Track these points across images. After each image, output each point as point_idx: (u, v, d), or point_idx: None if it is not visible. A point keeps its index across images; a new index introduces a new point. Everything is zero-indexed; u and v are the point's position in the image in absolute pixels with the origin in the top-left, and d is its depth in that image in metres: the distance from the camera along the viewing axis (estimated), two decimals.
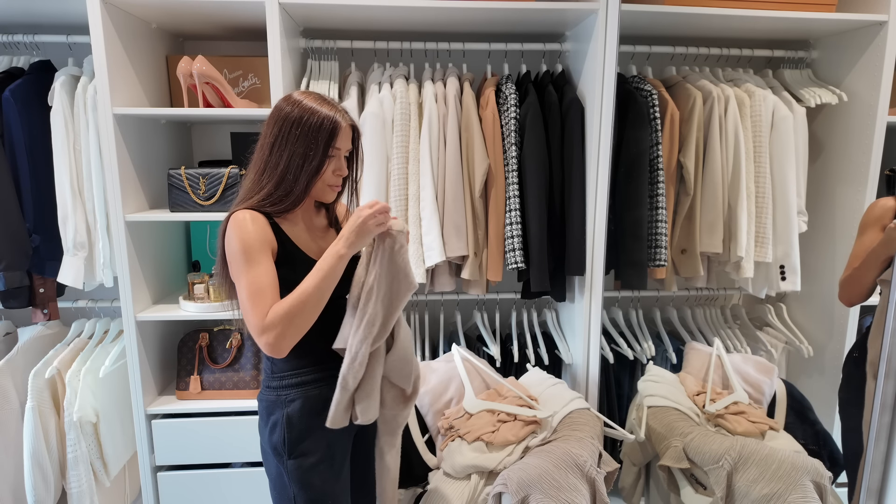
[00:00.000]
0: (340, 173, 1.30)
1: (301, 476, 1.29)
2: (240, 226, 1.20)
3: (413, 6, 1.78)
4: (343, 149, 1.29)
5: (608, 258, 1.95)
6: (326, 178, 1.28)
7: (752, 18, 1.89)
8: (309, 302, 1.19)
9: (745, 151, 1.99)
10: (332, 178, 1.29)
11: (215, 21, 1.98)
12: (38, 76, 1.89)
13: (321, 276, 1.20)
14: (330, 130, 1.24)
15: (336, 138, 1.25)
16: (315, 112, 1.24)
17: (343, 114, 1.28)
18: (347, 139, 1.29)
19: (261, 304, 1.18)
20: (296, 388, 1.30)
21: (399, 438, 1.46)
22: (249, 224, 1.21)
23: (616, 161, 1.92)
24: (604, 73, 1.82)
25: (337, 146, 1.26)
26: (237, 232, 1.20)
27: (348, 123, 1.28)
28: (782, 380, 2.02)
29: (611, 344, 2.18)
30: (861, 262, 1.71)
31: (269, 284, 1.20)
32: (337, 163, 1.28)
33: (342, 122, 1.26)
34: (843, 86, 2.04)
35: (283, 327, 1.17)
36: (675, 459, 1.68)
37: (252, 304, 1.18)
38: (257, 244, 1.20)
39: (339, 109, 1.28)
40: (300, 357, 1.30)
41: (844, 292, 1.81)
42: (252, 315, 1.18)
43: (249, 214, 1.22)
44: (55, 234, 1.89)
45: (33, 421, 1.82)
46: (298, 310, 1.18)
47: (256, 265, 1.20)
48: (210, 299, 1.98)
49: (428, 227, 1.90)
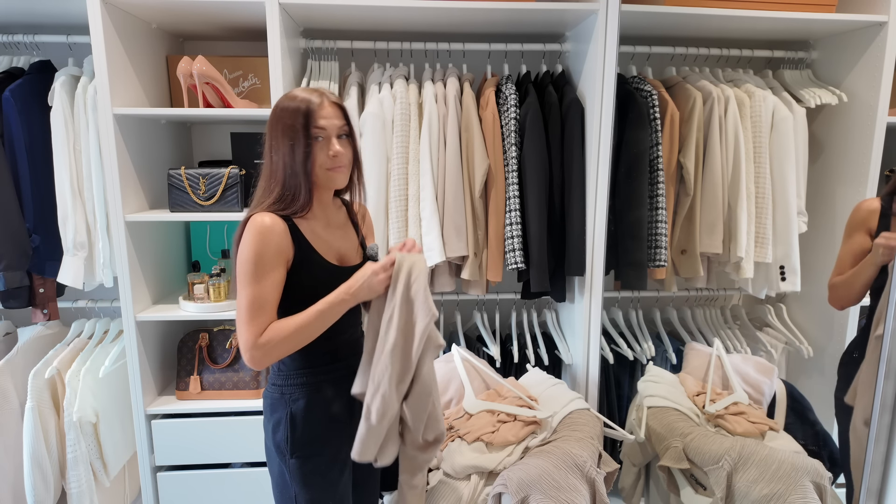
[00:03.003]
0: (333, 153, 1.23)
1: (303, 476, 1.28)
2: (258, 233, 1.19)
3: (413, 6, 1.78)
4: (329, 128, 1.23)
5: (608, 258, 1.95)
6: (322, 162, 1.24)
7: (751, 19, 1.89)
8: (302, 336, 1.21)
9: (744, 152, 1.99)
10: (328, 161, 1.24)
11: (215, 21, 1.98)
12: (38, 76, 1.89)
13: (318, 316, 1.21)
14: (304, 113, 1.20)
15: (311, 118, 1.20)
16: (291, 100, 1.22)
17: (319, 94, 1.24)
18: (331, 116, 1.23)
19: (258, 320, 1.18)
20: (301, 388, 1.29)
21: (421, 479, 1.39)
22: (268, 234, 1.19)
23: (616, 161, 1.92)
24: (604, 73, 1.82)
25: (317, 126, 1.21)
26: (254, 238, 1.18)
27: (329, 101, 1.24)
28: (782, 380, 2.02)
29: (611, 344, 2.18)
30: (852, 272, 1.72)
31: (271, 302, 1.20)
32: (325, 143, 1.23)
33: (315, 100, 1.22)
34: (843, 86, 2.04)
35: (272, 352, 1.19)
36: (675, 460, 1.68)
37: (249, 317, 1.18)
38: (270, 257, 1.19)
39: (318, 92, 1.24)
40: (308, 357, 1.29)
41: (835, 297, 1.82)
42: (246, 329, 1.18)
43: (270, 219, 1.20)
44: (55, 234, 1.89)
45: (33, 421, 1.82)
46: (290, 341, 1.20)
47: (264, 279, 1.19)
48: (210, 299, 1.97)
49: (428, 228, 1.90)
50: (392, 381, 1.22)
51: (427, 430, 1.32)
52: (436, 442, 1.36)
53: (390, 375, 1.22)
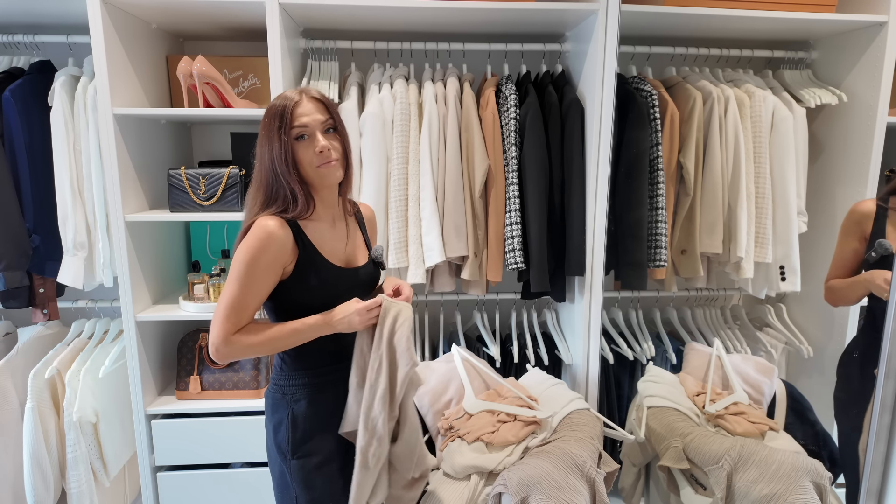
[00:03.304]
0: (319, 149, 1.20)
1: (304, 477, 1.28)
2: (259, 238, 1.18)
3: (413, 6, 1.78)
4: (311, 124, 1.20)
5: (608, 258, 1.95)
6: (310, 161, 1.21)
7: (751, 19, 1.89)
8: (271, 347, 1.22)
9: (744, 152, 1.99)
10: (317, 158, 1.21)
11: (215, 21, 1.98)
12: (39, 76, 1.89)
13: (292, 334, 1.23)
14: (280, 113, 1.19)
15: (289, 117, 1.18)
16: (271, 105, 1.22)
17: (299, 91, 1.22)
18: (311, 112, 1.20)
19: (234, 319, 1.19)
20: (302, 389, 1.29)
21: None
22: (269, 240, 1.18)
23: (616, 161, 1.92)
24: (604, 73, 1.82)
25: (298, 124, 1.19)
26: (254, 242, 1.18)
27: (308, 97, 1.21)
28: (782, 380, 2.02)
29: (611, 344, 2.18)
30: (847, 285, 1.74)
31: (252, 306, 1.21)
32: (311, 141, 1.20)
33: (293, 97, 1.20)
34: (843, 86, 2.04)
35: (237, 353, 1.20)
36: (675, 460, 1.68)
37: (226, 315, 1.18)
38: (265, 264, 1.18)
39: (298, 90, 1.22)
40: (310, 358, 1.29)
41: (830, 299, 1.85)
42: (220, 325, 1.18)
43: (274, 224, 1.19)
44: (55, 234, 1.88)
45: (33, 421, 1.82)
46: (257, 348, 1.21)
47: (251, 284, 1.18)
48: (210, 299, 1.97)
49: (428, 228, 1.90)
50: (385, 426, 1.24)
51: (415, 468, 1.35)
52: (422, 478, 1.38)
53: (384, 420, 1.24)
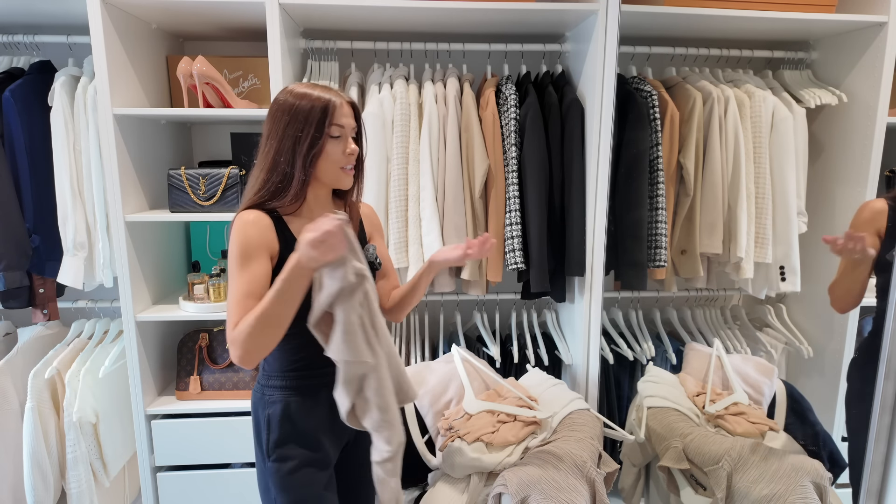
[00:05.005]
0: (349, 151, 1.24)
1: (280, 479, 1.26)
2: (240, 227, 1.18)
3: (413, 6, 1.78)
4: (347, 127, 1.24)
5: (608, 259, 1.95)
6: (336, 159, 1.23)
7: (751, 19, 1.89)
8: (268, 321, 1.10)
9: (744, 152, 1.99)
10: (343, 159, 1.24)
11: (215, 21, 1.98)
12: (38, 76, 1.89)
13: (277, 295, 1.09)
14: (322, 108, 1.20)
15: (331, 115, 1.21)
16: (305, 96, 1.21)
17: (337, 93, 1.24)
18: (348, 116, 1.24)
19: (238, 310, 1.14)
20: (279, 391, 1.27)
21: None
22: (249, 226, 1.18)
23: (616, 162, 1.92)
24: (604, 73, 1.82)
25: (336, 123, 1.21)
26: (236, 233, 1.18)
27: (346, 101, 1.24)
28: (782, 380, 2.02)
29: (611, 345, 2.17)
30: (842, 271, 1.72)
31: (252, 292, 1.15)
32: (343, 142, 1.24)
33: (335, 99, 1.22)
34: (842, 86, 2.04)
35: (244, 344, 1.11)
36: (675, 460, 1.68)
37: (232, 309, 1.15)
38: (252, 248, 1.17)
39: (333, 90, 1.24)
40: (290, 360, 1.27)
41: (835, 298, 1.82)
42: (229, 321, 1.15)
43: (253, 215, 1.20)
44: (55, 234, 1.89)
45: (33, 421, 1.82)
46: (256, 329, 1.10)
47: (245, 270, 1.16)
48: (210, 299, 1.97)
49: (428, 228, 1.90)
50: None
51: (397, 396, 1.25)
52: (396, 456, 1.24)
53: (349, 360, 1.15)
